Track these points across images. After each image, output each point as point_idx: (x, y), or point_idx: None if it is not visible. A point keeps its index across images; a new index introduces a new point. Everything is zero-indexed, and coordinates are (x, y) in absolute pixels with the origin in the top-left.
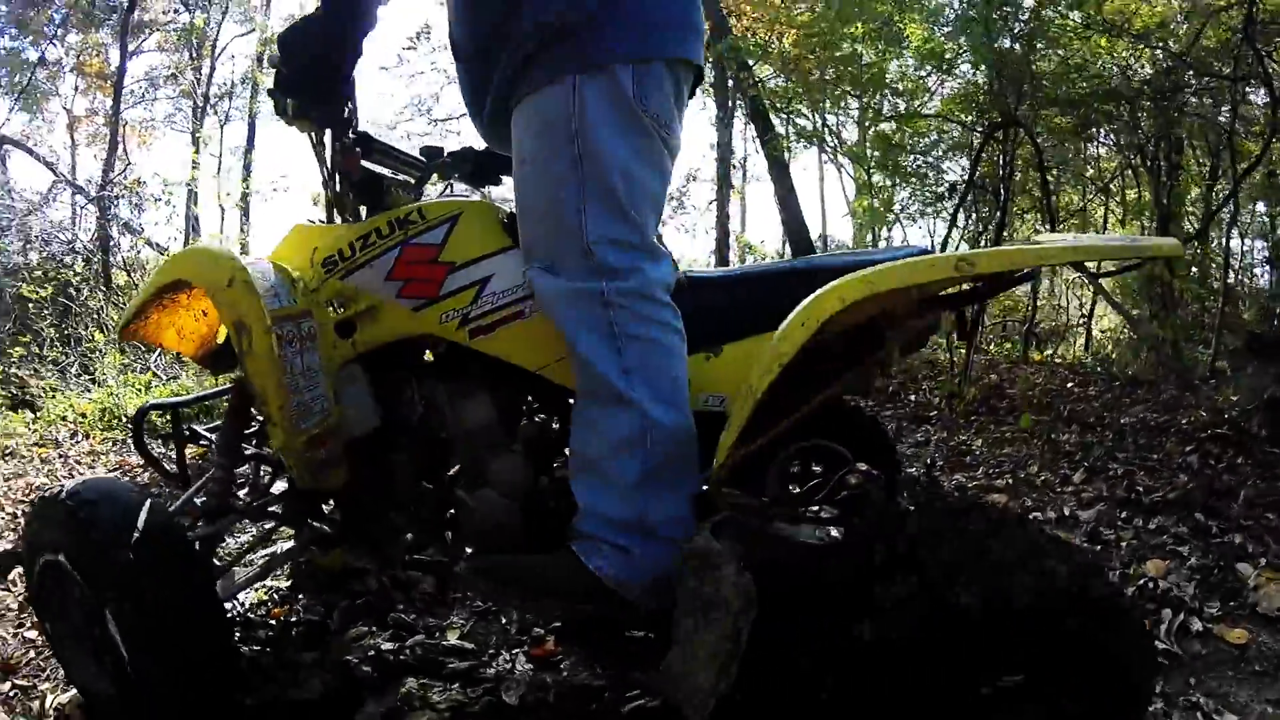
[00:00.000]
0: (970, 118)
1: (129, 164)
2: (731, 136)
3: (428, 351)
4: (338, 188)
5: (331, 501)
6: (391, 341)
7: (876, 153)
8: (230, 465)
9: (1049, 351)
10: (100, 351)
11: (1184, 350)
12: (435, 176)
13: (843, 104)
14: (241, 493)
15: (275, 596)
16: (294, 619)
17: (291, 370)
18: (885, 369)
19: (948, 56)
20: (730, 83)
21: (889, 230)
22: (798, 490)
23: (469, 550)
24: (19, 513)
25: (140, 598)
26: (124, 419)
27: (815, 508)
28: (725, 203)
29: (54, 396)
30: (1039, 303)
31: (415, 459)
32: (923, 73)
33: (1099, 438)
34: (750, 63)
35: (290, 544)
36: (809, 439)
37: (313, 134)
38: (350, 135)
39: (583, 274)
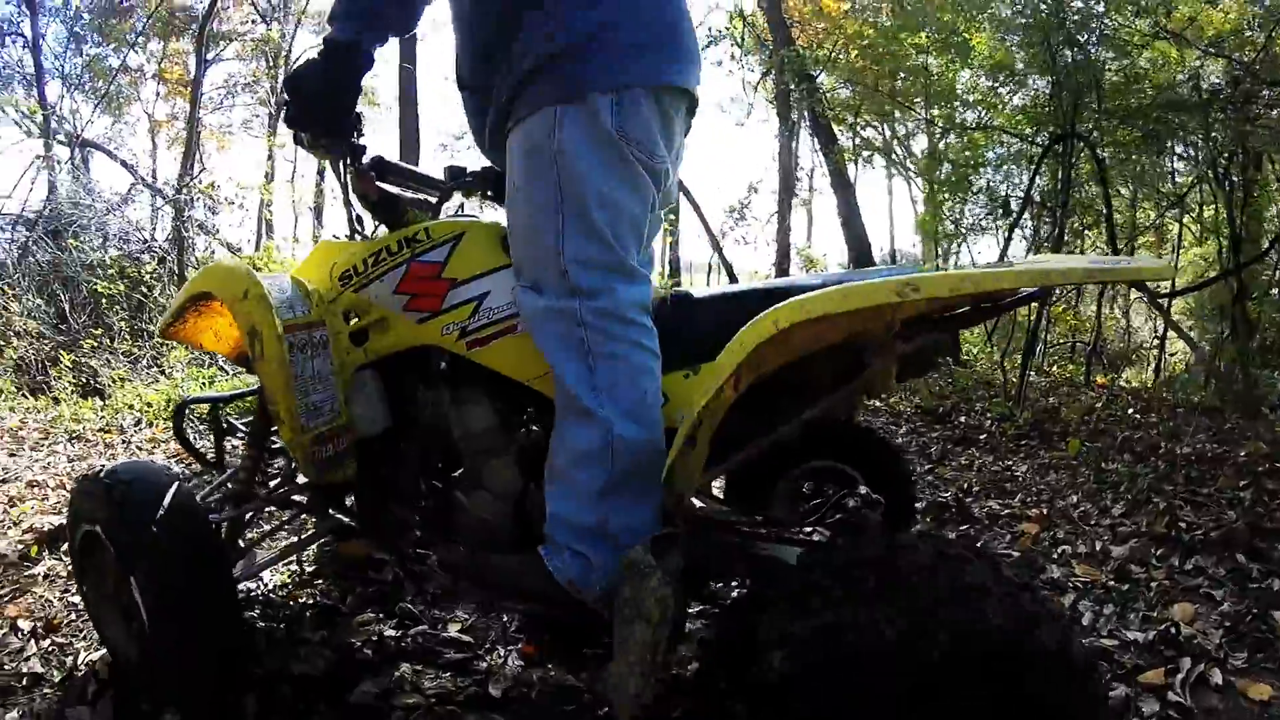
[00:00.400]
0: (1030, 130)
1: (204, 168)
2: (794, 148)
3: (441, 360)
4: (355, 208)
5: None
6: (400, 350)
7: (945, 165)
8: (257, 456)
9: (1115, 375)
10: (170, 346)
11: (1255, 377)
12: (460, 194)
13: (911, 115)
14: (273, 482)
15: (296, 579)
16: (310, 601)
17: (301, 374)
18: (874, 393)
19: (1019, 67)
20: (792, 95)
21: (958, 244)
22: (804, 509)
23: (448, 545)
24: None
25: (161, 569)
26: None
27: (809, 528)
28: (786, 215)
29: (123, 386)
30: (1107, 321)
31: (420, 459)
32: (992, 83)
33: (1151, 468)
34: (813, 74)
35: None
36: (819, 460)
37: (328, 161)
38: (363, 161)
39: (560, 294)
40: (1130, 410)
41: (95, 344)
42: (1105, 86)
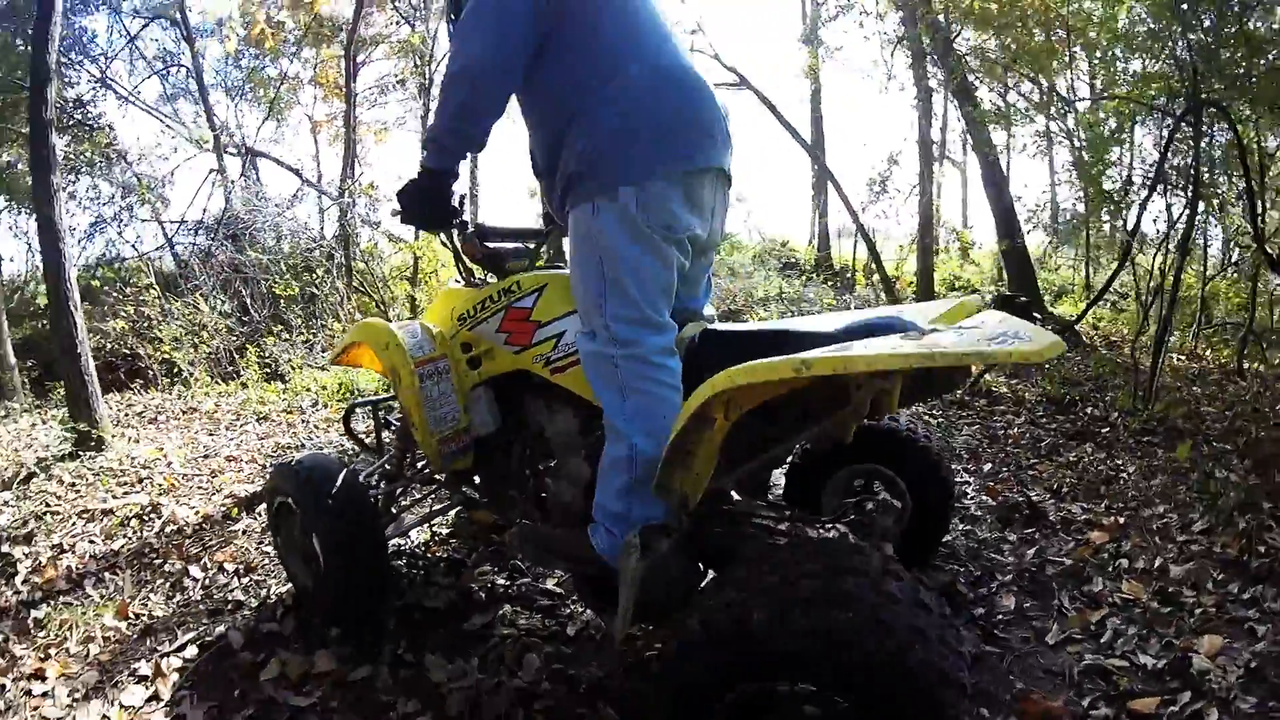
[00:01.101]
0: (1161, 99)
1: (362, 166)
2: (930, 119)
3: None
4: (466, 265)
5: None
6: (504, 372)
7: (1109, 121)
8: (404, 447)
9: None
10: (339, 334)
11: None
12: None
13: (1071, 69)
14: (420, 464)
15: (435, 538)
16: (443, 555)
17: (429, 396)
18: (842, 434)
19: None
20: (930, 62)
21: (1125, 210)
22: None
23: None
24: (267, 464)
25: (333, 529)
26: (356, 392)
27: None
28: (927, 185)
29: (300, 371)
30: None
31: (521, 453)
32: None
33: (1262, 479)
34: (952, 36)
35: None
36: (860, 464)
37: (438, 236)
38: (467, 232)
39: (603, 342)
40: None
41: (275, 335)
42: (1242, 49)
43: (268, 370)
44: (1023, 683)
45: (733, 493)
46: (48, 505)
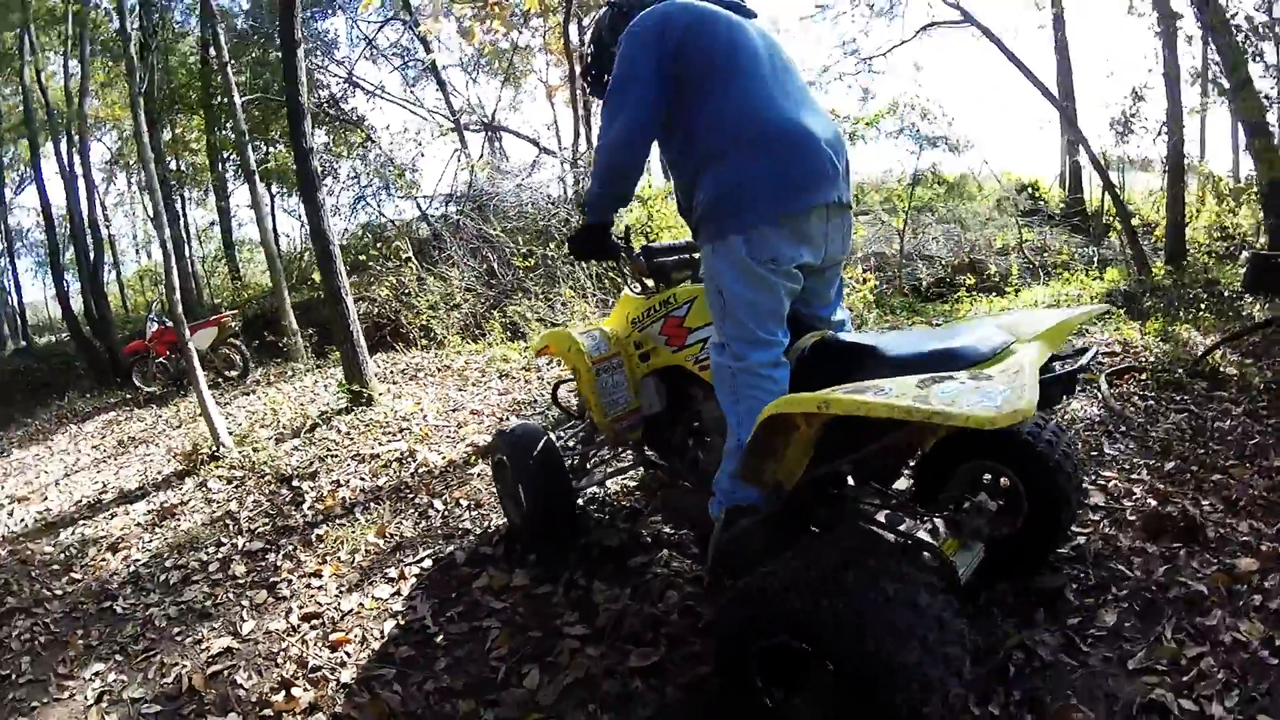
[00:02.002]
0: None
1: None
2: (1175, 47)
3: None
4: (633, 280)
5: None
6: (667, 366)
7: None
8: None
9: None
10: (571, 299)
11: None
12: None
13: None
14: None
15: (624, 490)
16: (626, 505)
17: (604, 387)
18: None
19: None
20: None
21: None
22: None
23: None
24: (504, 418)
25: (534, 481)
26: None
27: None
28: (1177, 127)
29: (538, 331)
30: None
31: (681, 430)
32: None
33: None
34: None
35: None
36: (977, 461)
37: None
38: (631, 254)
39: (723, 355)
40: None
41: (520, 297)
42: None
43: (511, 331)
44: (1077, 699)
45: (849, 478)
46: (328, 450)
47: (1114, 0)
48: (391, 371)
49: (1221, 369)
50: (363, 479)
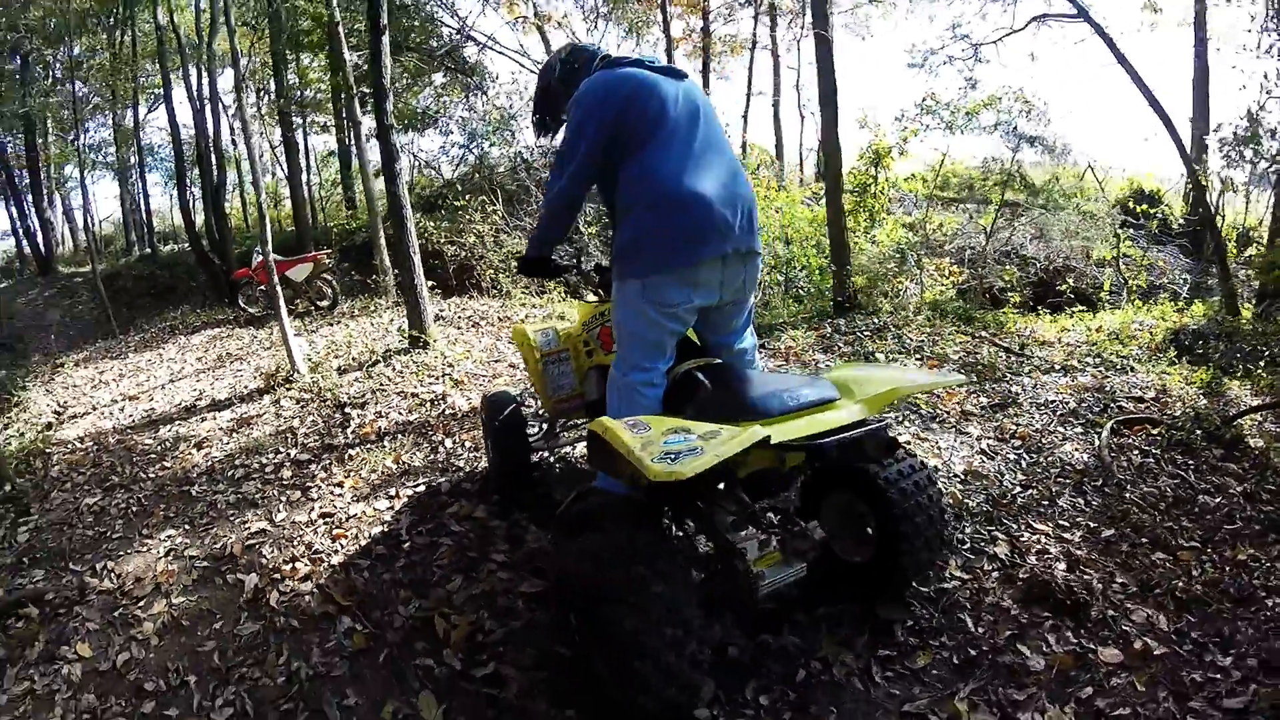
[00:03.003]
0: None
1: (720, 77)
2: None
3: None
4: (583, 291)
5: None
6: (604, 364)
7: None
8: None
9: None
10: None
11: None
12: None
13: None
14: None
15: (576, 453)
16: (583, 467)
17: (549, 374)
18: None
19: None
20: None
21: None
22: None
23: None
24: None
25: (500, 436)
26: None
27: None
28: None
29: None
30: None
31: None
32: None
33: None
34: None
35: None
36: (842, 494)
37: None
38: (583, 271)
39: (616, 370)
40: None
41: (585, 258)
42: None
43: (573, 291)
44: (838, 718)
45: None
46: (381, 385)
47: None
48: (459, 316)
49: (1247, 438)
50: (400, 413)
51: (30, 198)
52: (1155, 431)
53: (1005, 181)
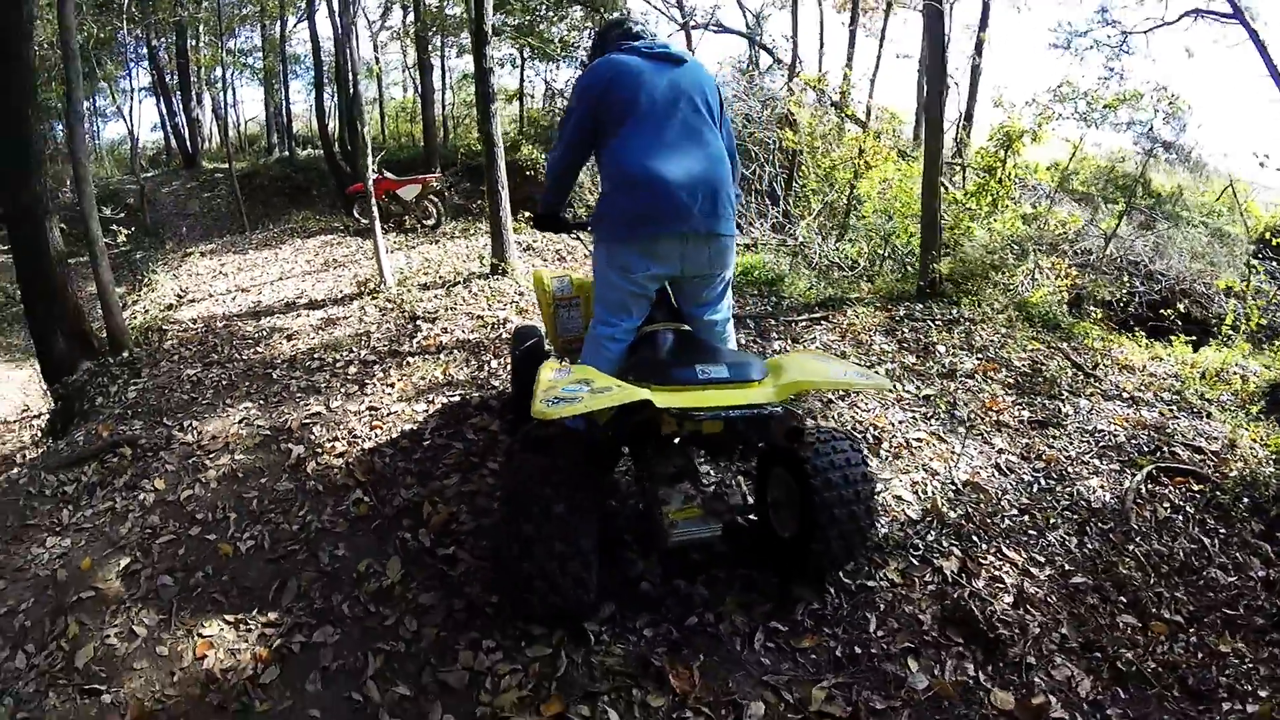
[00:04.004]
0: None
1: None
2: None
3: None
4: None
5: None
6: None
7: None
8: None
9: None
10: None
11: None
12: None
13: None
14: None
15: None
16: None
17: (560, 318)
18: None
19: None
20: None
21: None
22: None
23: None
24: None
25: (521, 363)
26: None
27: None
28: None
29: None
30: None
31: None
32: None
33: None
34: None
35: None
36: (779, 467)
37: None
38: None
39: (593, 321)
40: None
41: None
42: None
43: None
44: (700, 669)
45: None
46: (454, 303)
47: None
48: (547, 248)
49: None
50: (463, 331)
51: (179, 96)
52: (1197, 488)
53: (1134, 185)
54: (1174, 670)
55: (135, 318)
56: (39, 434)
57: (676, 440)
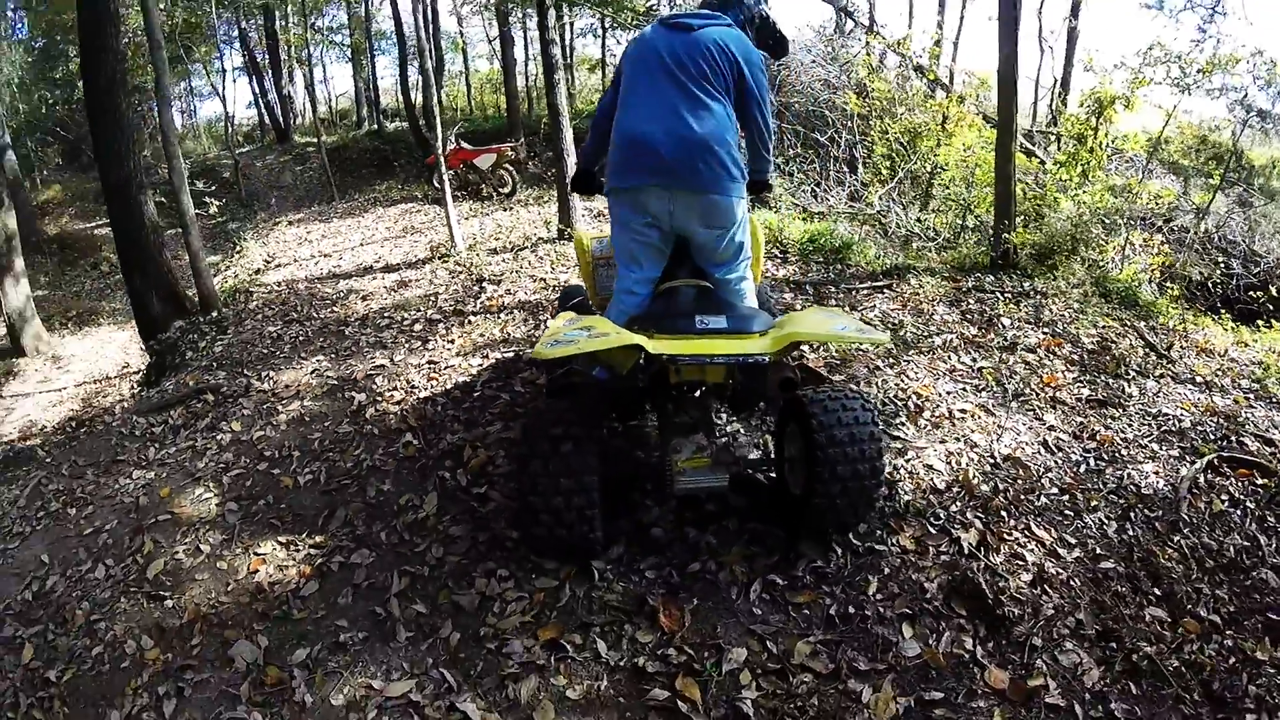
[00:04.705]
0: None
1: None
2: None
3: None
4: None
5: None
6: None
7: None
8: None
9: None
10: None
11: None
12: None
13: None
14: None
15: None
16: None
17: (599, 275)
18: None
19: None
20: None
21: None
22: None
23: None
24: None
25: (559, 313)
26: None
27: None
28: None
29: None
30: None
31: None
32: None
33: None
34: None
35: None
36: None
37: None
38: None
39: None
40: None
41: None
42: None
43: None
44: (693, 613)
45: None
46: (520, 267)
47: None
48: None
49: None
50: (525, 293)
51: (271, 74)
52: (1261, 481)
53: (1229, 158)
54: (1198, 672)
55: (226, 281)
56: (135, 386)
57: (698, 394)
